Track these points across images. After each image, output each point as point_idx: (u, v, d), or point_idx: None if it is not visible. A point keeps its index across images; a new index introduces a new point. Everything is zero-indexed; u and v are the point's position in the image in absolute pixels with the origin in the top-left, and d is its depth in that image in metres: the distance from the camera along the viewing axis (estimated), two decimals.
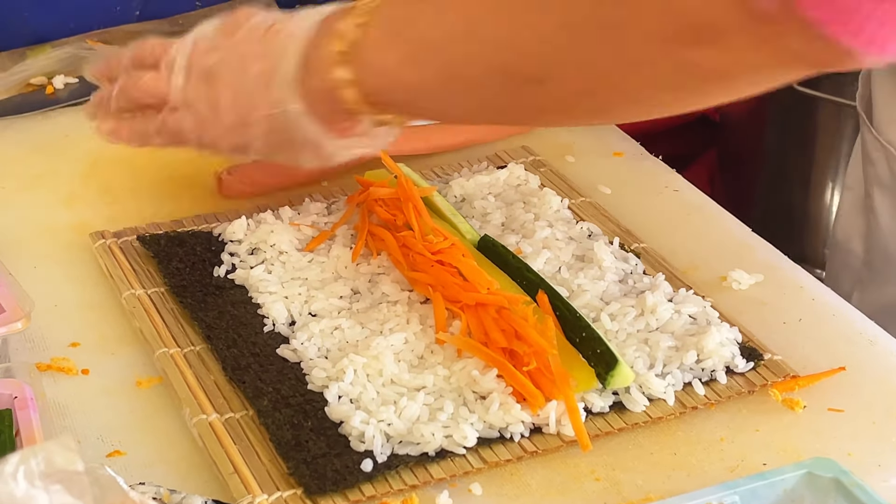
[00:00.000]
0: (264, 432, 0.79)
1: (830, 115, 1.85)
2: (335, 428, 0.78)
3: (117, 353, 0.88)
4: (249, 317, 0.89)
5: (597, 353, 0.81)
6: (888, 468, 0.77)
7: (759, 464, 0.77)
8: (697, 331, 0.86)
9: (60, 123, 1.18)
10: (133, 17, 1.32)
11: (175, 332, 0.88)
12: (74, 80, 1.24)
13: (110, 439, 0.80)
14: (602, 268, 0.92)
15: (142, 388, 0.85)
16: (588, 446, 0.77)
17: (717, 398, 0.82)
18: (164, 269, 0.94)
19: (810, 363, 0.85)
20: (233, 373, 0.83)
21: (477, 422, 0.78)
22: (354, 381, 0.81)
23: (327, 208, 1.00)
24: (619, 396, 0.81)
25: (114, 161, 1.11)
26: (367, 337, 0.85)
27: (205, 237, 0.97)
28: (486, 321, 0.84)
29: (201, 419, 0.80)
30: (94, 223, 1.01)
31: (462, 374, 0.81)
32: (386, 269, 0.92)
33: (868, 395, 0.83)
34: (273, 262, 0.93)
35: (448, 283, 0.87)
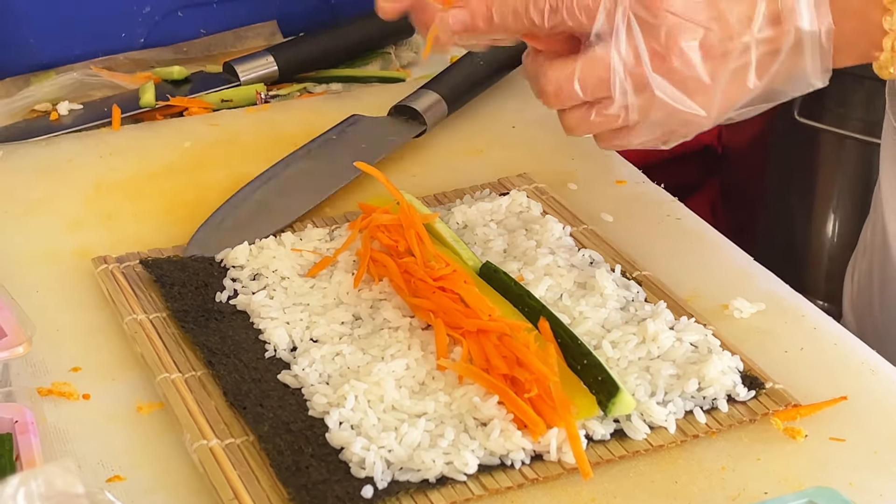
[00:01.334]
0: (265, 458, 0.79)
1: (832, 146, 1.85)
2: (336, 454, 0.78)
3: (118, 378, 0.88)
4: (251, 342, 0.89)
5: (598, 380, 0.81)
6: (890, 498, 0.77)
7: (761, 493, 0.77)
8: (699, 359, 0.86)
9: (64, 149, 1.18)
10: (138, 44, 1.33)
11: (176, 357, 0.88)
12: (79, 106, 1.25)
13: (111, 464, 0.80)
14: (604, 295, 0.92)
15: (143, 414, 0.85)
16: (589, 474, 0.77)
17: (718, 426, 0.82)
18: (166, 293, 0.94)
19: (812, 392, 0.85)
20: (234, 398, 0.83)
21: (478, 448, 0.78)
22: (355, 407, 0.80)
23: (329, 234, 1.00)
24: (620, 424, 0.81)
25: (116, 186, 1.12)
26: (368, 363, 0.85)
27: (207, 262, 0.97)
28: (487, 348, 0.84)
29: (202, 444, 0.80)
30: (97, 248, 1.01)
31: (463, 401, 0.81)
32: (387, 295, 0.92)
33: (870, 425, 0.82)
34: (275, 287, 0.93)
35: (450, 309, 0.87)
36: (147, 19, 1.32)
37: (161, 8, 1.32)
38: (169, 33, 1.33)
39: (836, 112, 1.83)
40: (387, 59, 1.35)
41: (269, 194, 1.07)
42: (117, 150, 1.18)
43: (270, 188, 1.08)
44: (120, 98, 1.26)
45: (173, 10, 1.33)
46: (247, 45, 1.36)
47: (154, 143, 1.19)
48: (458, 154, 1.17)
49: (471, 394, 0.81)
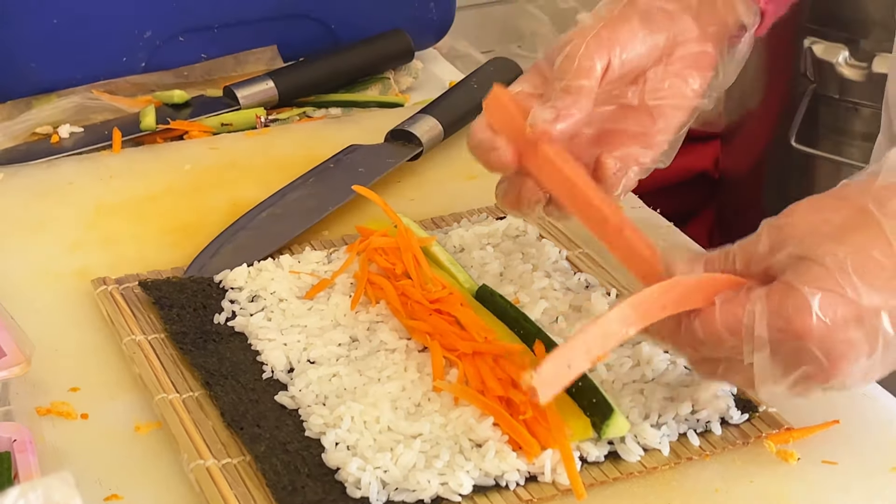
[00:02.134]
0: (261, 478, 0.79)
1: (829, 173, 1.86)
2: (332, 474, 0.79)
3: (117, 399, 0.88)
4: (248, 363, 0.89)
5: (592, 402, 0.82)
6: None
7: None
8: (692, 382, 0.86)
9: (64, 171, 1.19)
10: (139, 68, 1.34)
11: (174, 377, 0.89)
12: (80, 129, 1.26)
13: (108, 483, 0.80)
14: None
15: (140, 434, 0.85)
16: (583, 495, 0.77)
17: (711, 449, 0.82)
18: (165, 315, 0.95)
19: (805, 416, 0.85)
20: (231, 419, 0.84)
21: (473, 469, 0.78)
22: (351, 428, 0.81)
23: (327, 257, 1.01)
24: (614, 446, 0.82)
25: (117, 209, 1.13)
26: (364, 384, 0.85)
27: (206, 284, 0.98)
28: (483, 370, 0.84)
29: (199, 464, 0.80)
30: (96, 269, 1.02)
31: (458, 422, 0.82)
32: (384, 317, 0.93)
33: (862, 448, 0.83)
34: (273, 309, 0.94)
35: (446, 331, 0.88)
36: (148, 43, 1.33)
37: (162, 32, 1.33)
38: (170, 57, 1.34)
39: (833, 139, 1.84)
40: (386, 84, 1.37)
41: (267, 220, 1.08)
42: (118, 172, 1.19)
43: (269, 214, 1.09)
44: (121, 121, 1.27)
45: (174, 35, 1.34)
46: (247, 70, 1.37)
47: (154, 165, 1.20)
48: (455, 178, 1.18)
49: (466, 415, 0.82)
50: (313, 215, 1.08)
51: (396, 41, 1.38)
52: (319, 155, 1.18)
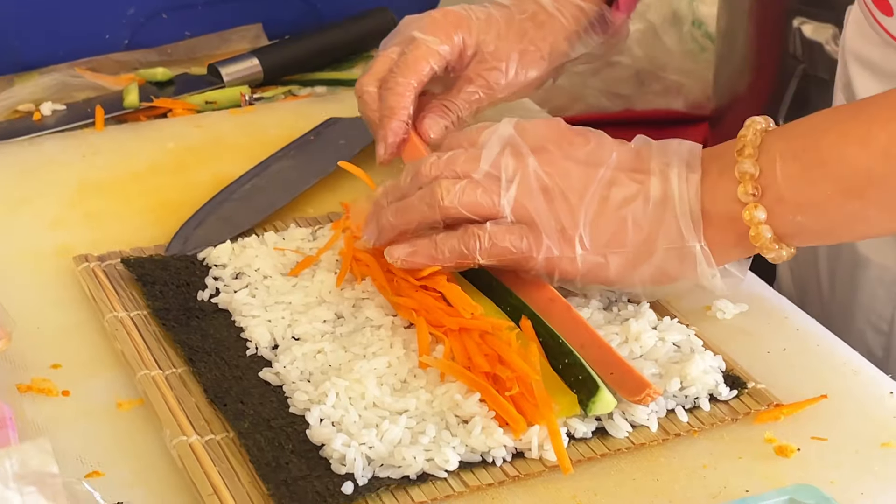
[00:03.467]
0: (245, 454, 0.78)
1: None
2: (316, 450, 0.78)
3: (98, 375, 0.87)
4: (232, 340, 0.88)
5: (579, 379, 0.81)
6: (871, 496, 0.76)
7: (742, 490, 0.77)
8: (681, 358, 0.85)
9: (47, 149, 1.18)
10: (122, 45, 1.33)
11: (157, 354, 0.88)
12: (62, 106, 1.25)
13: (89, 460, 0.79)
14: (587, 295, 0.91)
15: (122, 410, 0.84)
16: (569, 469, 0.76)
17: (700, 425, 0.82)
18: (148, 292, 0.93)
19: (794, 392, 0.85)
20: (214, 395, 0.83)
21: (459, 445, 0.78)
22: (336, 405, 0.80)
23: (312, 234, 1.00)
24: (601, 423, 0.81)
25: (99, 186, 1.11)
26: (350, 360, 0.85)
27: (189, 261, 0.97)
28: (469, 346, 0.83)
29: (181, 440, 0.79)
30: (79, 247, 1.01)
31: (445, 398, 0.81)
32: (370, 294, 0.92)
33: (851, 424, 0.82)
34: (257, 286, 0.93)
35: (432, 307, 0.87)
36: (131, 21, 1.32)
37: (145, 10, 1.32)
38: (153, 35, 1.33)
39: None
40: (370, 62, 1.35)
41: (250, 191, 1.07)
42: (100, 150, 1.18)
43: (252, 186, 1.08)
44: (103, 99, 1.25)
45: (158, 13, 1.33)
46: (231, 48, 1.36)
47: (137, 143, 1.19)
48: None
49: (452, 391, 0.81)
50: (296, 187, 1.07)
51: (382, 19, 1.37)
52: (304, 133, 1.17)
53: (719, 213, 0.84)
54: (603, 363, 0.82)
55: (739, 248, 0.85)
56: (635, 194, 0.85)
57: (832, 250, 1.14)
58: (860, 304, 1.11)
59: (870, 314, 1.10)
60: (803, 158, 0.82)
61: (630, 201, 0.85)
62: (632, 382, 0.81)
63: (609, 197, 0.85)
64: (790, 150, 0.83)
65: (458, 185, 0.86)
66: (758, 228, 0.83)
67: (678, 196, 0.84)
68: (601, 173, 0.86)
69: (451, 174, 0.87)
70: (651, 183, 0.85)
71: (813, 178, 0.82)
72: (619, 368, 0.82)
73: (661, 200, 0.85)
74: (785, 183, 0.82)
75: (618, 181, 0.86)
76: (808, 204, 0.82)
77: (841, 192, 0.81)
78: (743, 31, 1.91)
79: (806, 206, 0.82)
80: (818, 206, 0.82)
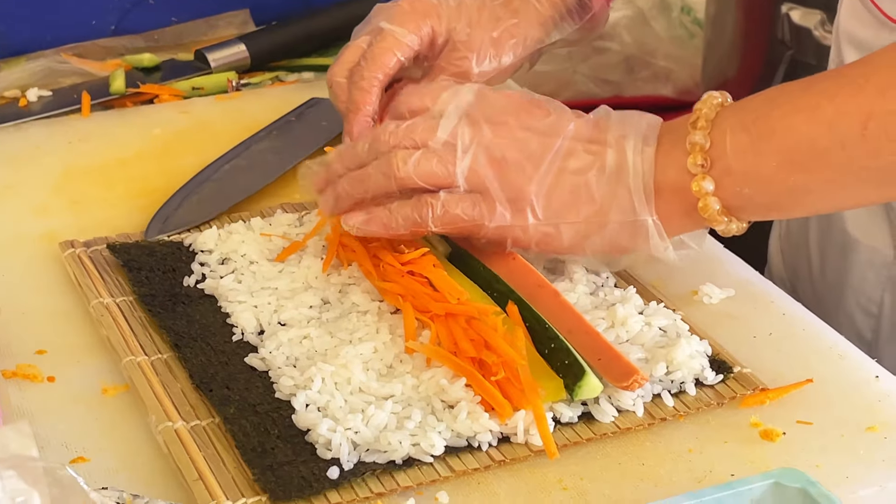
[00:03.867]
0: (230, 440, 0.78)
1: None
2: (302, 436, 0.78)
3: (84, 362, 0.87)
4: (218, 326, 0.88)
5: (565, 364, 0.81)
6: (856, 479, 0.77)
7: (727, 474, 0.77)
8: (667, 343, 0.85)
9: (33, 135, 1.17)
10: (109, 31, 1.32)
11: (142, 340, 0.87)
12: (48, 92, 1.24)
13: (75, 446, 0.79)
14: (573, 280, 0.91)
15: (108, 396, 0.84)
16: (555, 453, 0.76)
17: (686, 410, 0.82)
18: (133, 278, 0.93)
19: (780, 376, 0.85)
20: (200, 381, 0.83)
21: (445, 430, 0.78)
22: (322, 390, 0.80)
23: (299, 219, 1.00)
24: (587, 407, 0.81)
25: (85, 172, 1.11)
26: (336, 346, 0.84)
27: (175, 247, 0.97)
28: (455, 331, 0.83)
29: (167, 426, 0.79)
30: (64, 233, 1.01)
31: (431, 384, 0.81)
32: (356, 279, 0.91)
33: (837, 409, 0.83)
34: (243, 271, 0.93)
35: (418, 293, 0.87)
36: (118, 7, 1.32)
37: None
38: (140, 21, 1.33)
39: None
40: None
41: (231, 172, 1.07)
42: (86, 136, 1.17)
43: (232, 166, 1.08)
44: (90, 85, 1.25)
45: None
46: (218, 34, 1.35)
47: (123, 129, 1.19)
48: None
49: (438, 376, 0.81)
50: (277, 168, 1.07)
51: (368, 5, 1.36)
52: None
53: (669, 184, 0.84)
54: (590, 349, 0.82)
55: (689, 219, 0.85)
56: (590, 165, 0.86)
57: (823, 233, 1.14)
58: (850, 287, 1.11)
59: (859, 296, 1.10)
60: (752, 131, 0.82)
61: (584, 172, 0.86)
62: (619, 368, 0.81)
63: (564, 168, 0.86)
64: (740, 123, 0.83)
65: (414, 156, 0.87)
66: (706, 200, 0.83)
67: (632, 169, 0.85)
68: (557, 144, 0.86)
69: (409, 143, 0.88)
70: (607, 155, 0.86)
71: (760, 150, 0.82)
72: (606, 354, 0.82)
73: (616, 172, 0.85)
74: (733, 155, 0.82)
75: (574, 152, 0.86)
76: (755, 176, 0.82)
77: (786, 165, 0.81)
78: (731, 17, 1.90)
79: (753, 178, 0.82)
80: (765, 179, 0.82)
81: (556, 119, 0.88)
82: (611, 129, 0.86)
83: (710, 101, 0.85)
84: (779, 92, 0.84)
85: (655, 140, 0.85)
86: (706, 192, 0.83)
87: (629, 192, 0.85)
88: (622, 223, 0.85)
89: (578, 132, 0.87)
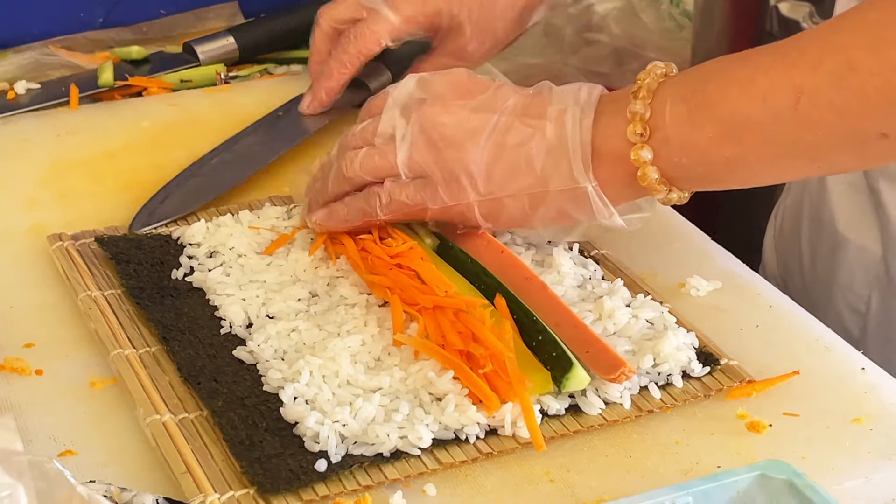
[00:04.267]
0: (218, 432, 0.78)
1: None
2: (290, 428, 0.78)
3: (71, 355, 0.87)
4: (206, 319, 0.88)
5: (553, 356, 0.81)
6: (841, 471, 0.77)
7: (714, 466, 0.77)
8: (654, 335, 0.86)
9: (20, 128, 1.17)
10: (97, 24, 1.32)
11: (130, 333, 0.87)
12: (36, 85, 1.24)
13: (62, 439, 0.79)
14: (561, 273, 0.92)
15: (95, 389, 0.84)
16: (542, 446, 0.77)
17: (672, 402, 0.82)
18: (122, 271, 0.93)
19: (767, 368, 0.85)
20: (188, 374, 0.83)
21: (432, 423, 0.78)
22: (310, 383, 0.80)
23: (287, 212, 1.00)
24: (575, 399, 0.81)
25: (73, 166, 1.11)
26: (324, 339, 0.85)
27: (163, 240, 0.97)
28: (443, 324, 0.83)
29: (155, 419, 0.79)
30: (53, 226, 1.00)
31: (418, 376, 0.81)
32: (344, 272, 0.92)
33: (823, 401, 0.83)
34: (231, 264, 0.93)
35: (406, 286, 0.87)
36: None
37: None
38: (128, 13, 1.32)
39: None
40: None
41: (217, 166, 1.07)
42: (75, 129, 1.17)
43: (219, 161, 1.08)
44: (78, 78, 1.25)
45: None
46: (207, 26, 1.35)
47: (112, 122, 1.19)
48: None
49: (426, 369, 0.81)
50: (262, 162, 1.07)
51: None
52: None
53: (609, 152, 0.85)
54: (578, 341, 0.82)
55: (630, 188, 0.85)
56: (529, 138, 0.86)
57: (814, 231, 1.14)
58: (839, 285, 1.11)
59: (848, 295, 1.10)
60: (690, 102, 0.82)
61: (524, 145, 0.86)
62: (607, 361, 0.81)
63: (504, 142, 0.86)
64: (680, 94, 0.83)
65: (360, 155, 0.90)
66: (644, 169, 0.83)
67: (571, 138, 0.85)
68: (495, 119, 0.87)
69: (359, 143, 0.91)
70: (546, 127, 0.86)
71: (697, 121, 0.82)
72: (594, 347, 0.82)
73: (556, 143, 0.86)
74: (672, 125, 0.83)
75: (513, 126, 0.87)
76: (692, 146, 0.83)
77: (722, 137, 0.81)
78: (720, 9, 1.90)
79: (690, 149, 0.83)
80: (701, 150, 0.82)
81: (494, 94, 0.89)
82: (551, 103, 0.87)
83: (653, 71, 0.85)
84: (719, 64, 0.84)
85: (593, 109, 0.86)
86: (644, 161, 0.83)
87: (568, 161, 0.85)
88: (563, 192, 0.86)
89: (517, 107, 0.88)
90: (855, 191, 1.09)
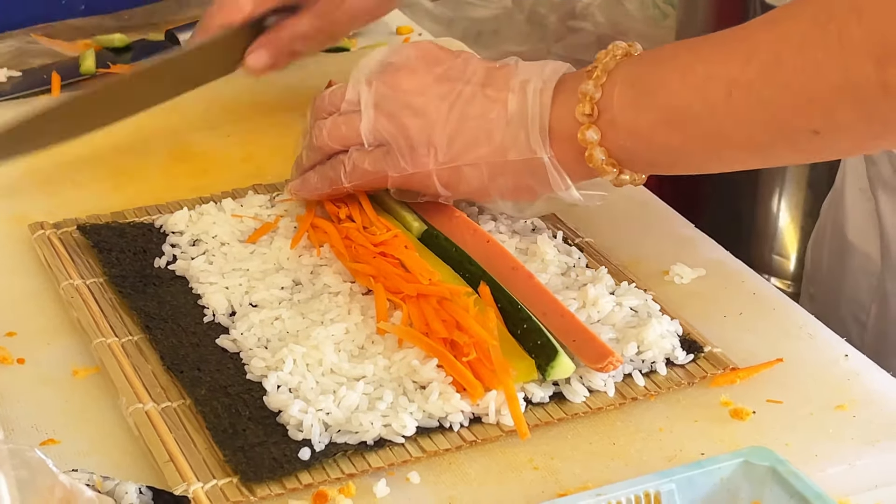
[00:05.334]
0: (201, 421, 0.78)
1: None
2: (273, 417, 0.78)
3: (54, 343, 0.87)
4: (189, 307, 0.88)
5: (537, 344, 0.81)
6: (824, 457, 0.77)
7: (698, 453, 0.77)
8: (638, 323, 0.86)
9: (2, 116, 1.16)
10: (79, 11, 1.31)
11: (113, 322, 0.87)
12: (17, 73, 1.23)
13: (45, 428, 0.79)
14: (545, 261, 0.92)
15: (78, 378, 0.84)
16: (526, 433, 0.77)
17: (656, 389, 0.82)
18: (104, 259, 0.93)
19: (750, 356, 0.85)
20: (171, 362, 0.83)
21: (416, 411, 0.78)
22: (293, 371, 0.80)
23: (270, 201, 0.99)
24: (559, 387, 0.81)
25: (55, 153, 1.10)
26: (307, 327, 0.84)
27: (146, 228, 0.97)
28: (427, 312, 0.83)
29: (137, 408, 0.79)
30: (34, 214, 1.00)
31: (402, 364, 0.81)
32: (328, 260, 0.91)
33: (806, 388, 0.83)
34: (214, 252, 0.93)
35: (390, 274, 0.87)
36: None
37: None
38: (110, 1, 1.32)
39: None
40: None
41: None
42: None
43: None
44: (60, 65, 1.24)
45: None
46: (189, 14, 1.34)
47: None
48: None
49: (410, 357, 0.81)
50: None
51: None
52: (262, 100, 1.16)
53: (561, 130, 0.85)
54: (565, 331, 0.82)
55: (582, 167, 0.85)
56: (491, 108, 0.86)
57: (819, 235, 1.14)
58: (844, 293, 1.10)
59: (851, 303, 1.10)
60: (637, 86, 0.83)
61: (485, 115, 0.86)
62: (594, 350, 0.81)
63: (465, 112, 0.87)
64: (629, 77, 0.83)
65: (327, 123, 0.91)
66: (592, 149, 0.84)
67: (531, 110, 0.85)
68: (459, 89, 0.87)
69: (331, 108, 0.92)
70: (508, 99, 0.86)
71: (640, 106, 0.82)
72: (581, 336, 0.82)
73: (516, 114, 0.86)
74: (619, 108, 0.83)
75: (476, 96, 0.87)
76: (636, 131, 0.83)
77: (662, 124, 0.82)
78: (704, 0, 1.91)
79: (634, 133, 0.83)
80: (643, 135, 0.83)
81: (461, 65, 0.89)
82: (515, 76, 0.87)
83: (613, 51, 0.85)
84: (670, 49, 0.84)
85: (554, 83, 0.86)
86: (591, 141, 0.83)
87: (526, 131, 0.85)
88: (521, 162, 0.86)
89: (482, 77, 0.88)
90: (863, 197, 1.09)
